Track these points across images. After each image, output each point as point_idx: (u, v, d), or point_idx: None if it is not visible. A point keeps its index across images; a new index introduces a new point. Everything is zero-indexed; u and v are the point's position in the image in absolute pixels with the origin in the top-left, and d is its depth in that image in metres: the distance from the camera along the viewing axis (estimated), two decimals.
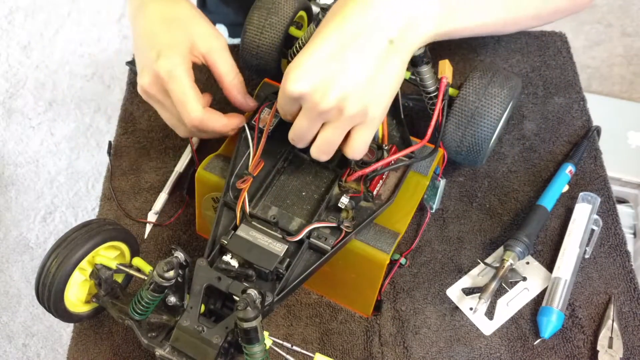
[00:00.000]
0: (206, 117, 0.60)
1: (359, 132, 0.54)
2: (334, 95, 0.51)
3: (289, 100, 0.54)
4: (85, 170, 1.71)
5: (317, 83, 0.51)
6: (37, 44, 1.96)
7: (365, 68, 0.52)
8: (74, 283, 0.58)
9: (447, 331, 0.63)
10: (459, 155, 0.65)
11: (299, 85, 0.51)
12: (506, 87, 0.62)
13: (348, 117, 0.52)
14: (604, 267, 0.66)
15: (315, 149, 0.56)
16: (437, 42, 0.57)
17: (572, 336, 0.62)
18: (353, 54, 0.51)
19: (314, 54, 0.52)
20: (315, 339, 0.64)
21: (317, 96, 0.51)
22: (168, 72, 0.59)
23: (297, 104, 0.54)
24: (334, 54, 0.51)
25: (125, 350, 0.65)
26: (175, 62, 0.59)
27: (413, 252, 0.68)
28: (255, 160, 0.61)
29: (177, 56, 0.59)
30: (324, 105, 0.51)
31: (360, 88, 0.51)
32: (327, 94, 0.51)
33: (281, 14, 0.68)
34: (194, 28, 0.62)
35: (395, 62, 0.53)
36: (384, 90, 0.53)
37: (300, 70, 0.51)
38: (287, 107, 0.55)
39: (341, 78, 0.51)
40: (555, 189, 0.69)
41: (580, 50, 1.75)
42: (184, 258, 0.53)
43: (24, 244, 1.61)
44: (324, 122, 0.54)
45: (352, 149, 0.55)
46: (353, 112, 0.52)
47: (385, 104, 0.54)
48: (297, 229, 0.58)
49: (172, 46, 0.60)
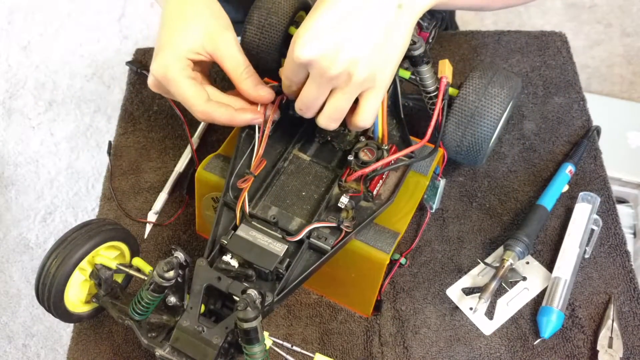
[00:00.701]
0: (210, 110, 0.59)
1: (367, 98, 0.54)
2: (343, 60, 0.51)
3: (297, 68, 0.53)
4: (85, 170, 1.71)
5: (326, 48, 0.51)
6: (37, 44, 1.96)
7: (374, 33, 0.51)
8: (74, 283, 0.58)
9: (447, 331, 0.63)
10: (459, 155, 0.65)
11: (307, 51, 0.51)
12: (506, 87, 0.62)
13: (357, 83, 0.52)
14: (603, 267, 0.66)
15: (324, 117, 0.55)
16: (437, 42, 0.57)
17: (572, 336, 0.62)
18: (362, 19, 0.51)
19: (322, 19, 0.51)
20: (315, 339, 0.64)
21: (326, 61, 0.51)
22: (162, 75, 0.59)
23: (305, 71, 0.53)
24: (342, 19, 0.51)
25: (125, 351, 0.65)
26: (166, 64, 0.59)
27: (413, 252, 0.68)
28: (258, 160, 0.60)
29: (169, 57, 0.59)
30: (333, 70, 0.51)
31: (369, 53, 0.51)
32: (336, 59, 0.51)
33: (281, 14, 0.68)
34: (199, 26, 0.61)
35: (403, 26, 0.53)
36: (392, 55, 0.53)
37: (309, 35, 0.51)
38: (294, 75, 0.55)
39: (350, 43, 0.51)
40: (555, 189, 0.69)
41: (580, 50, 1.75)
42: (184, 258, 0.53)
43: (24, 244, 1.61)
44: (333, 89, 0.53)
45: (361, 116, 0.55)
46: (362, 77, 0.52)
47: (393, 69, 0.54)
48: (297, 229, 0.58)
49: (168, 46, 0.60)
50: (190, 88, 0.59)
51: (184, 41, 0.60)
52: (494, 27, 1.78)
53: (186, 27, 0.61)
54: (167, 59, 0.59)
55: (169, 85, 0.59)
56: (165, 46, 0.60)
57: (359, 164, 0.59)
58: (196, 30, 0.60)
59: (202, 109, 0.59)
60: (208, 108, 0.59)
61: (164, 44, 0.60)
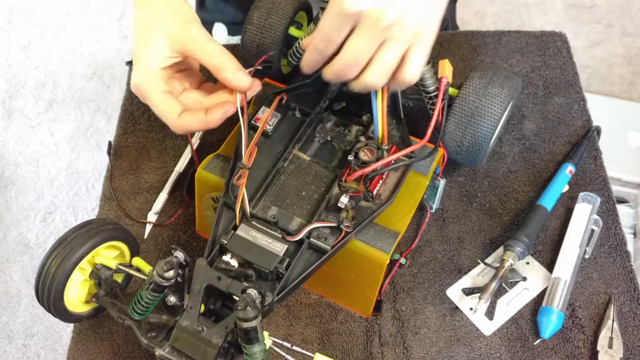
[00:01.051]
0: (183, 123, 0.59)
1: (415, 51, 0.53)
2: (394, 11, 0.50)
3: (343, 21, 0.51)
4: (85, 170, 1.71)
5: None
6: (37, 44, 1.96)
7: None
8: (73, 283, 0.58)
9: (447, 331, 0.63)
10: (459, 155, 0.65)
11: (359, 1, 0.49)
12: (506, 87, 0.62)
13: (408, 35, 0.51)
14: (604, 267, 0.66)
15: (373, 74, 0.53)
16: (437, 42, 0.57)
17: (572, 336, 0.62)
18: None
19: None
20: (315, 339, 0.64)
21: (378, 12, 0.50)
22: (137, 92, 0.59)
23: (351, 25, 0.51)
24: None
25: (125, 350, 0.65)
26: (139, 81, 0.59)
27: (413, 252, 0.68)
28: (248, 151, 0.60)
29: (141, 73, 0.59)
30: (385, 21, 0.50)
31: (417, 5, 0.51)
32: (386, 9, 0.50)
33: (281, 14, 0.68)
34: (163, 31, 0.60)
35: None
36: (437, 10, 0.53)
37: None
38: (337, 31, 0.52)
39: None
40: (555, 189, 0.69)
41: (580, 50, 1.75)
42: (184, 258, 0.53)
43: (24, 244, 1.61)
44: (382, 42, 0.52)
45: (408, 70, 0.54)
46: (412, 29, 0.51)
47: (437, 24, 0.54)
48: (297, 229, 0.57)
49: (139, 61, 0.59)
50: (163, 104, 0.59)
51: (151, 52, 0.59)
52: (494, 27, 1.77)
53: (151, 36, 0.60)
54: (139, 76, 0.59)
55: (145, 101, 0.60)
56: (137, 61, 0.59)
57: (359, 163, 0.59)
58: (160, 35, 0.59)
59: (176, 124, 0.59)
60: (181, 122, 0.59)
61: (136, 59, 0.60)
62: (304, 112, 0.66)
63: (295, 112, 0.67)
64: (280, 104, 0.66)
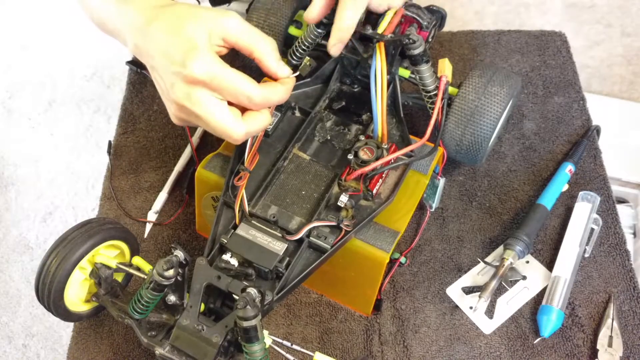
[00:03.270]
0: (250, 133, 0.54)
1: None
2: None
3: None
4: (85, 170, 1.71)
5: None
6: (37, 44, 1.96)
7: None
8: (74, 282, 0.58)
9: (447, 330, 0.63)
10: (459, 154, 0.65)
11: None
12: (506, 85, 0.62)
13: None
14: (603, 266, 0.66)
15: None
16: (436, 41, 0.57)
17: (572, 335, 0.62)
18: None
19: None
20: (315, 337, 0.64)
21: None
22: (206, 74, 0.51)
23: None
24: None
25: (125, 350, 0.65)
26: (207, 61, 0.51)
27: (413, 251, 0.68)
28: (251, 155, 0.60)
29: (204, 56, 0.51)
30: None
31: None
32: None
33: (280, 14, 0.68)
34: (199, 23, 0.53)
35: None
36: None
37: None
38: None
39: None
40: (555, 188, 0.69)
41: (580, 50, 1.75)
42: (184, 257, 0.53)
43: (24, 244, 1.61)
44: None
45: None
46: None
47: None
48: (296, 228, 0.58)
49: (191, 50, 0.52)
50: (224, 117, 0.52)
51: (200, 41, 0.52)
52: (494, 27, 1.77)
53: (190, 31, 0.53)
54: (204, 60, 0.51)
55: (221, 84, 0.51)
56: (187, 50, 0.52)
57: (359, 162, 0.59)
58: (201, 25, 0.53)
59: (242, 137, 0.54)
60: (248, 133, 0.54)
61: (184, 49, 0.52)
62: (303, 111, 0.66)
63: (295, 111, 0.67)
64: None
